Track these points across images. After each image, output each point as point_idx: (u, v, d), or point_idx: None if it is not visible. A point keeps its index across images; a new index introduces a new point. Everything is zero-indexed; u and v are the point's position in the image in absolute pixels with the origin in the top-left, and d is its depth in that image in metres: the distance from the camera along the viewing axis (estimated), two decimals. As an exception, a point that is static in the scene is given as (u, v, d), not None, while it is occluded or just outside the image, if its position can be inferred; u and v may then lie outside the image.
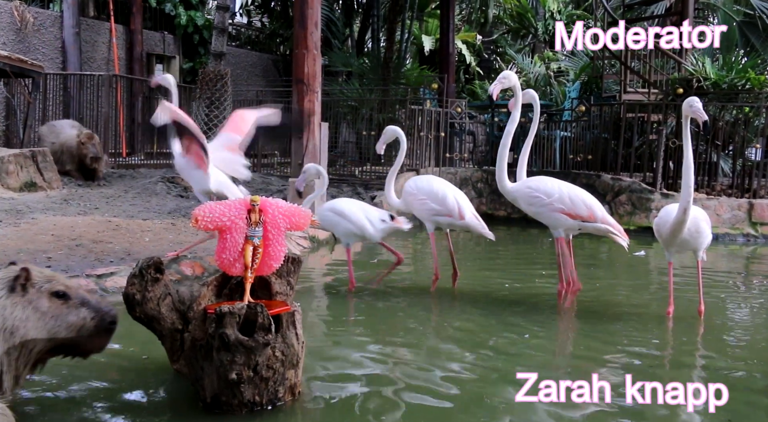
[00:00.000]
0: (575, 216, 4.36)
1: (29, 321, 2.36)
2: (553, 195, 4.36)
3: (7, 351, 2.32)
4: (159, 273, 2.65)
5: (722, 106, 9.09)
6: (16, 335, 2.34)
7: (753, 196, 8.57)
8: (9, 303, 2.35)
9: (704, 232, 4.06)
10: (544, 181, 4.50)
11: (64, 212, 6.36)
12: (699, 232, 4.02)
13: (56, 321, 2.42)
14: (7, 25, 10.96)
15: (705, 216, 4.12)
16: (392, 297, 4.67)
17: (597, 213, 4.39)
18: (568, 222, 4.38)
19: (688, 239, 4.01)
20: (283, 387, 2.60)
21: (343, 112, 12.20)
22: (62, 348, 2.50)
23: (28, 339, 2.36)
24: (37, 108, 9.88)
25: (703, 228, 4.04)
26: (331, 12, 15.90)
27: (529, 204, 4.45)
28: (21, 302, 2.37)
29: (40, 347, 2.41)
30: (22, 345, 2.36)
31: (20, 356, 2.37)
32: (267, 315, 2.48)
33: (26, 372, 2.45)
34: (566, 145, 10.84)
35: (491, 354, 3.52)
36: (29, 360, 2.41)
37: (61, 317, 2.43)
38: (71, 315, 2.44)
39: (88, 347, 2.52)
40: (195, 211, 2.56)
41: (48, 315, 2.40)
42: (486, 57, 20.26)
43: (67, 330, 2.44)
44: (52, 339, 2.42)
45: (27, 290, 2.39)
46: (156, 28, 13.75)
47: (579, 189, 4.51)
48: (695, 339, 3.92)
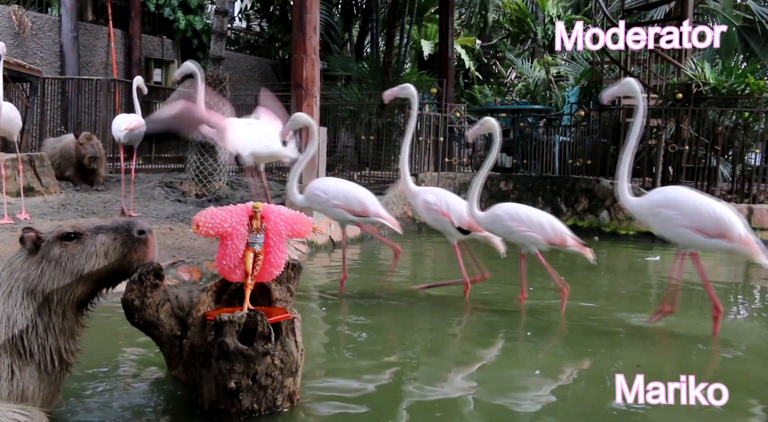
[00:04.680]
0: (350, 211, 4.67)
1: (44, 274, 2.37)
2: (328, 192, 4.70)
3: (37, 310, 2.35)
4: (158, 279, 2.62)
5: (722, 111, 9.09)
6: (37, 292, 2.36)
7: (753, 201, 8.56)
8: (26, 264, 2.39)
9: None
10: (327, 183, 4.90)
11: (61, 217, 6.33)
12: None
13: (74, 261, 2.40)
14: (5, 30, 10.94)
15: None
16: (392, 303, 4.65)
17: (370, 208, 4.68)
18: (344, 216, 4.68)
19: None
20: (281, 395, 2.58)
21: (342, 116, 12.18)
22: (104, 281, 2.48)
23: (50, 291, 2.36)
24: (35, 112, 9.86)
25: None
26: (330, 16, 15.91)
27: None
28: (35, 260, 2.40)
29: (70, 292, 2.40)
30: (48, 299, 2.37)
31: (53, 310, 2.38)
32: (267, 324, 2.45)
33: (75, 321, 2.46)
34: (565, 150, 10.85)
35: (494, 359, 3.50)
36: (66, 309, 2.41)
37: (78, 254, 2.40)
38: (88, 248, 2.41)
39: (128, 267, 2.48)
40: (196, 216, 2.53)
41: (63, 260, 2.39)
42: (485, 61, 20.29)
43: (89, 262, 2.40)
44: (80, 279, 2.40)
45: (39, 246, 2.41)
46: (155, 32, 13.73)
47: (354, 185, 4.83)
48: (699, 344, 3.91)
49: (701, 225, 3.73)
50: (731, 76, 9.33)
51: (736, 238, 3.72)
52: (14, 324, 2.31)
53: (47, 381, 2.38)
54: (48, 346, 2.36)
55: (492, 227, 4.48)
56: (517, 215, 4.38)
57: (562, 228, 4.41)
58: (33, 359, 2.33)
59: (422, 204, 4.73)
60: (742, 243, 3.74)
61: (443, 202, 4.67)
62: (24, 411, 2.13)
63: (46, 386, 2.38)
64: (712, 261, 7.23)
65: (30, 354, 2.33)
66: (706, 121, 9.11)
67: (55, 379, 2.42)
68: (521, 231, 4.34)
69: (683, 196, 3.89)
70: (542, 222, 4.37)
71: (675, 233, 3.84)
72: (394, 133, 11.48)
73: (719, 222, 3.72)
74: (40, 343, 2.35)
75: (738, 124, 9.24)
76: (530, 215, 4.39)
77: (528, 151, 11.17)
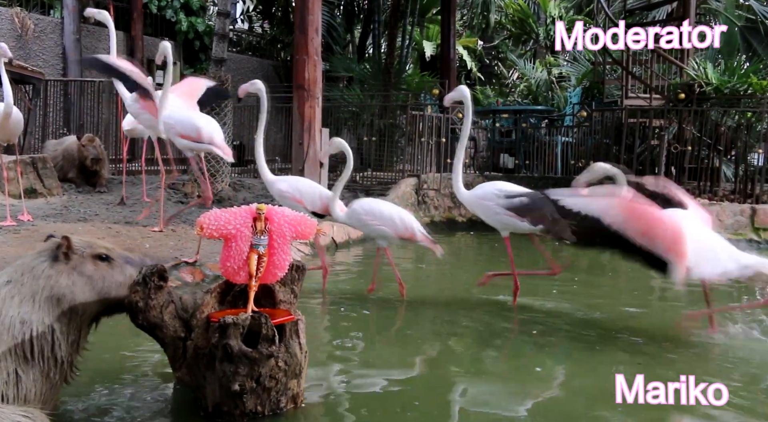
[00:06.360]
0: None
1: (76, 286, 2.44)
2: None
3: (57, 318, 2.39)
4: (162, 280, 2.62)
5: (724, 111, 9.07)
6: (63, 301, 2.41)
7: (756, 201, 8.54)
8: (54, 272, 2.43)
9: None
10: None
11: (64, 218, 6.33)
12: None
13: (104, 283, 2.51)
14: (7, 32, 10.96)
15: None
16: (396, 304, 4.64)
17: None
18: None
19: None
20: (285, 397, 2.57)
21: (344, 117, 12.18)
22: (115, 307, 2.58)
23: (77, 303, 2.43)
24: (37, 114, 9.87)
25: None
26: (332, 18, 15.91)
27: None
28: (65, 269, 2.45)
29: (91, 310, 2.49)
30: (72, 311, 2.43)
31: (71, 321, 2.43)
32: (271, 326, 2.44)
33: (84, 336, 2.52)
34: (568, 151, 10.84)
35: (495, 359, 3.50)
36: (82, 323, 2.48)
37: (108, 278, 2.52)
38: (118, 275, 2.54)
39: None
40: (200, 218, 2.53)
41: (95, 278, 2.48)
42: (487, 62, 20.28)
43: (117, 289, 2.53)
44: (103, 300, 2.50)
45: (70, 257, 2.46)
46: (157, 34, 13.73)
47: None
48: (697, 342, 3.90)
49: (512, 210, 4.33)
50: (734, 76, 9.32)
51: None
52: (30, 329, 2.33)
53: (48, 386, 2.38)
54: (57, 356, 2.39)
55: (350, 221, 4.77)
56: (371, 209, 4.65)
57: (412, 224, 4.64)
58: (39, 365, 2.34)
59: (277, 192, 4.96)
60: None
61: (295, 189, 4.93)
62: (27, 414, 2.14)
63: (47, 390, 2.38)
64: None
65: (38, 359, 2.34)
66: (708, 122, 9.09)
67: (54, 384, 2.43)
68: (373, 225, 4.59)
69: (495, 188, 4.54)
70: (393, 217, 4.60)
71: (494, 220, 4.47)
72: (396, 134, 11.48)
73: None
74: (51, 351, 2.37)
75: (741, 124, 9.22)
76: (383, 210, 4.65)
77: (530, 152, 11.17)
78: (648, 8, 12.50)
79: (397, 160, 11.24)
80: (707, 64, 9.50)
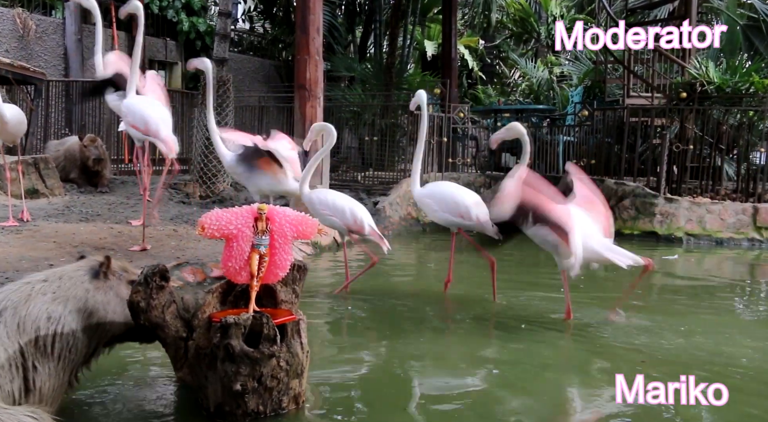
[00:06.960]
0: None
1: (110, 304, 2.55)
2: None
3: (83, 329, 2.47)
4: (164, 280, 2.62)
5: (726, 109, 9.06)
6: (94, 316, 2.50)
7: (758, 200, 8.53)
8: (92, 286, 2.53)
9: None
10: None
11: (66, 219, 6.34)
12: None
13: None
14: (9, 33, 10.96)
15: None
16: (397, 304, 4.64)
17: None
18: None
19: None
20: (287, 396, 2.57)
21: (346, 117, 12.18)
22: (135, 334, 2.66)
23: (106, 321, 2.53)
24: (39, 115, 9.86)
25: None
26: (333, 17, 15.91)
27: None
28: (103, 287, 2.55)
29: (114, 330, 2.58)
30: (99, 326, 2.52)
31: (95, 336, 2.52)
32: (273, 326, 2.45)
33: (98, 353, 2.60)
34: (569, 150, 10.83)
35: (495, 357, 3.49)
36: (101, 341, 2.57)
37: None
38: None
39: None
40: (201, 218, 2.53)
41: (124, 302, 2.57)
42: (489, 62, 20.26)
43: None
44: (128, 322, 2.58)
45: (108, 277, 2.57)
46: (158, 34, 13.73)
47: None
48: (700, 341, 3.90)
49: (446, 209, 4.67)
50: (736, 75, 9.30)
51: (473, 218, 4.61)
52: (56, 326, 2.39)
53: (57, 383, 2.42)
54: (73, 359, 2.45)
55: (308, 207, 4.79)
56: (326, 200, 4.74)
57: (363, 218, 4.71)
58: (54, 362, 2.39)
59: (230, 167, 5.29)
60: (476, 222, 4.62)
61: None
62: (32, 414, 2.15)
63: (57, 387, 2.43)
64: (717, 258, 7.22)
65: (55, 357, 2.40)
66: (710, 120, 9.08)
67: (62, 384, 2.47)
68: (325, 214, 4.67)
69: (439, 188, 4.90)
70: (345, 210, 4.69)
71: (436, 217, 4.77)
72: (398, 133, 11.48)
73: (459, 206, 4.64)
74: (69, 353, 2.43)
75: (743, 123, 9.20)
76: (336, 202, 4.73)
77: (532, 151, 11.13)
78: (649, 7, 12.49)
79: (399, 159, 11.23)
80: (709, 62, 9.49)
